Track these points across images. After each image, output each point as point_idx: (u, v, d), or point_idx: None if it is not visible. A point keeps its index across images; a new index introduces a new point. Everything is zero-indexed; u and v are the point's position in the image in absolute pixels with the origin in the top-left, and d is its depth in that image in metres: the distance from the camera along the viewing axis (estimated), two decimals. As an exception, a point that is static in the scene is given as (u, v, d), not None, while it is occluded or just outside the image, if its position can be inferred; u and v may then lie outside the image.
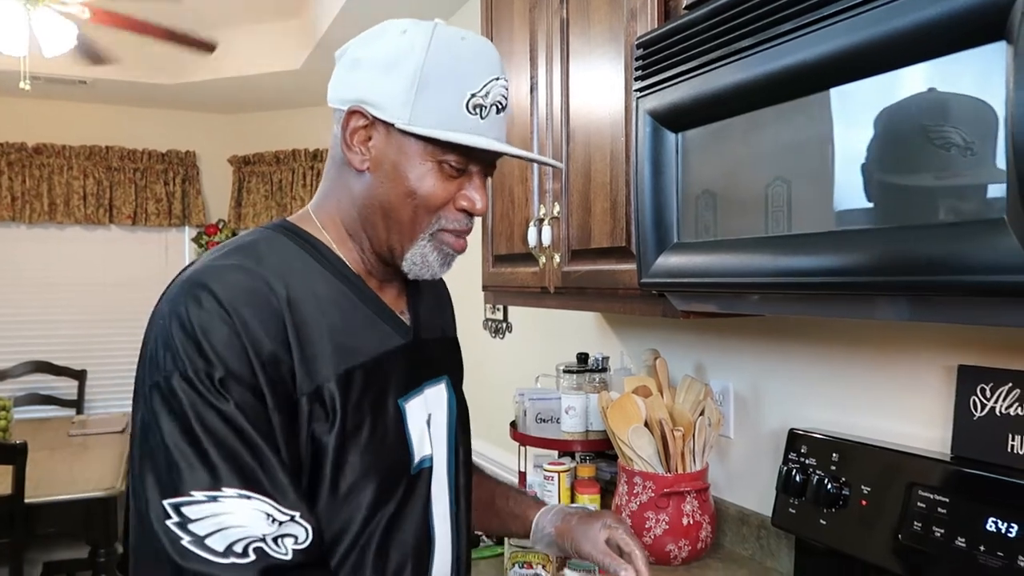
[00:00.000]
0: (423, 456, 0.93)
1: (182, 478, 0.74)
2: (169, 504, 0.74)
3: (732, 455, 1.68)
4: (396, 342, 0.92)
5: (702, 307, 1.27)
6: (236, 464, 0.75)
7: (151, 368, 0.79)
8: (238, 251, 0.86)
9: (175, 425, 0.75)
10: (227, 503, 0.74)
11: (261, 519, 0.75)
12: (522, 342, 2.65)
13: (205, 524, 0.73)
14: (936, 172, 0.80)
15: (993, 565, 1.02)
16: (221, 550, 0.73)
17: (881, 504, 1.20)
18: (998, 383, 1.11)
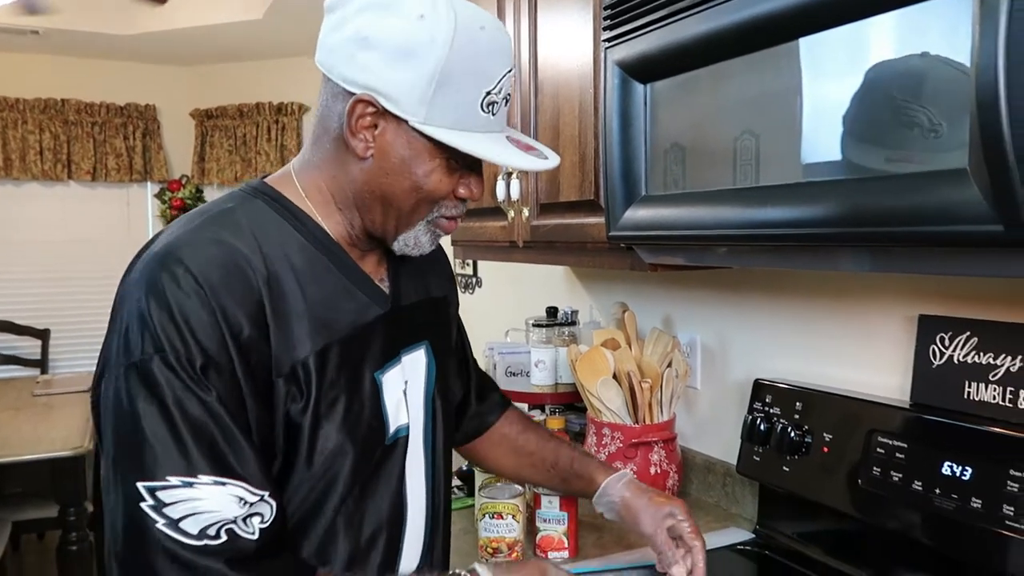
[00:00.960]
0: (399, 426, 0.93)
1: (158, 463, 0.74)
2: (144, 487, 0.74)
3: (699, 406, 1.71)
4: (374, 313, 0.91)
5: (670, 260, 1.28)
6: (212, 451, 0.76)
7: (126, 347, 0.77)
8: (215, 221, 0.84)
9: (153, 409, 0.75)
10: (202, 489, 0.75)
11: (233, 503, 0.76)
12: (492, 296, 2.65)
13: (179, 508, 0.74)
14: (900, 122, 0.80)
15: (947, 507, 1.05)
16: (195, 532, 0.74)
17: (842, 450, 1.23)
18: (956, 332, 1.14)
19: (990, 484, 1.02)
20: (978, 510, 1.02)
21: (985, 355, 1.10)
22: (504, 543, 1.31)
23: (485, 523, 1.33)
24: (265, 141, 4.76)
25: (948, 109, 0.75)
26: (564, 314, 1.94)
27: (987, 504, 1.01)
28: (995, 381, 1.08)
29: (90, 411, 0.84)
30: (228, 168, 4.80)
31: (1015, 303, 1.10)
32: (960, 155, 0.73)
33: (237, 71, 4.79)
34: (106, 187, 4.73)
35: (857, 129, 0.86)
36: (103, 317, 0.91)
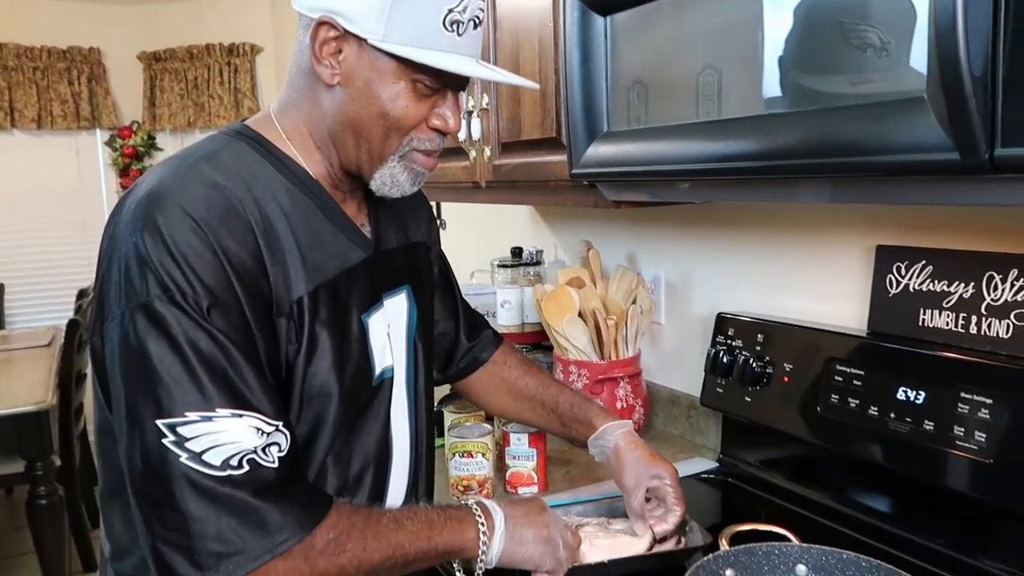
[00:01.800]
0: (384, 367, 0.95)
1: (175, 400, 0.75)
2: (164, 424, 0.74)
3: (663, 341, 1.73)
4: (358, 256, 0.92)
5: (633, 196, 1.28)
6: (227, 385, 0.76)
7: (128, 289, 0.76)
8: (203, 162, 0.83)
9: (164, 348, 0.75)
10: (221, 422, 0.75)
11: (252, 434, 0.77)
12: (456, 238, 2.63)
13: (201, 441, 0.75)
14: (852, 45, 0.80)
15: (902, 430, 1.09)
16: (218, 464, 0.75)
17: (802, 380, 1.26)
18: (913, 261, 1.16)
19: (942, 407, 1.05)
20: (930, 432, 1.06)
21: (939, 283, 1.12)
22: (475, 480, 1.34)
23: (455, 462, 1.34)
24: (218, 84, 4.61)
25: (894, 26, 0.75)
26: (529, 254, 1.93)
27: (939, 426, 1.05)
28: (948, 308, 1.11)
29: (91, 361, 0.84)
30: (180, 113, 4.65)
31: (969, 231, 1.12)
32: (915, 77, 0.73)
33: (186, 11, 4.60)
34: (53, 135, 4.56)
35: (814, 58, 0.86)
36: (60, 270, 0.90)
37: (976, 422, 1.01)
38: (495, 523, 0.92)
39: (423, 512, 0.89)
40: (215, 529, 0.74)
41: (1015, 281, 1.03)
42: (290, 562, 0.77)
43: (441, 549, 0.89)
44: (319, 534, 0.79)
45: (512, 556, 0.93)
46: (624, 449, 1.11)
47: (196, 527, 0.74)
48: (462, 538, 0.90)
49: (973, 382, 1.03)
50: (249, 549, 0.75)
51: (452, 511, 0.91)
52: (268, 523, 0.76)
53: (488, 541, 0.91)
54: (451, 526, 0.89)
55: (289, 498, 0.78)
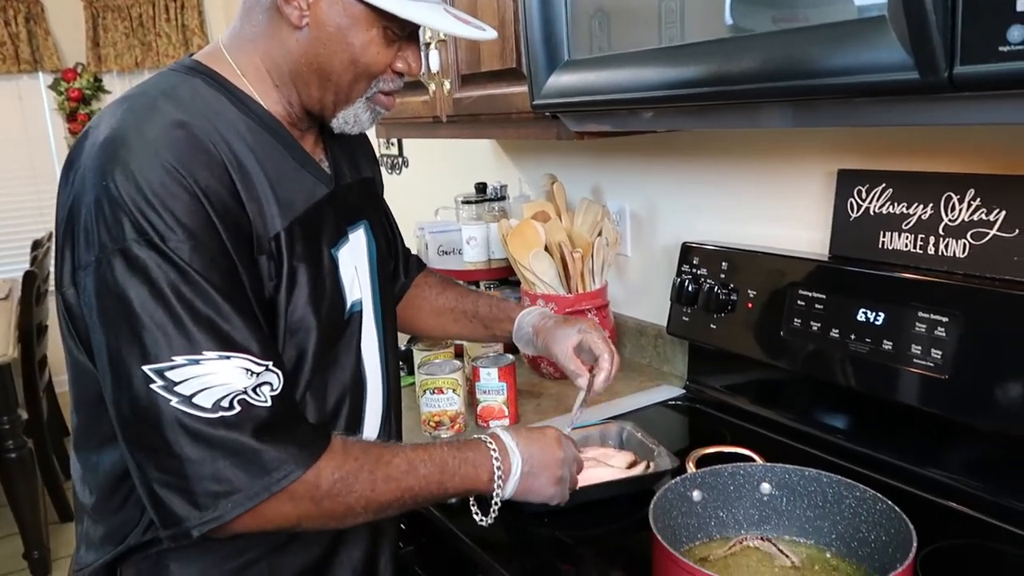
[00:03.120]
0: (354, 300, 0.96)
1: (160, 345, 0.73)
2: (151, 370, 0.73)
3: (629, 272, 1.74)
4: (321, 192, 0.91)
5: (596, 127, 1.26)
6: (212, 327, 0.75)
7: (102, 236, 0.74)
8: (163, 100, 0.80)
9: (145, 293, 0.73)
10: (209, 364, 0.74)
11: (241, 374, 0.76)
12: (419, 176, 2.60)
13: (190, 385, 0.74)
14: (822, -30, 0.78)
15: (862, 351, 1.12)
16: (209, 406, 0.74)
17: (766, 306, 1.28)
18: (873, 184, 1.17)
19: (900, 327, 1.08)
20: (889, 351, 1.08)
21: (899, 205, 1.13)
22: (446, 416, 1.35)
23: (426, 399, 1.35)
24: (164, 22, 4.42)
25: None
26: (493, 189, 1.91)
27: (897, 345, 1.08)
28: (907, 230, 1.12)
29: (63, 312, 0.81)
30: (127, 53, 4.46)
31: (928, 153, 1.13)
32: (879, 0, 0.72)
33: (123, -57, 4.36)
34: (-8, 80, 4.35)
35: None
36: (11, 221, 0.86)
37: (932, 340, 1.04)
38: (512, 466, 0.93)
39: (438, 454, 0.89)
40: (211, 470, 0.74)
41: (972, 201, 1.05)
42: (295, 501, 0.78)
43: (452, 492, 0.90)
44: (324, 474, 0.79)
45: (524, 495, 0.95)
46: (541, 325, 1.15)
47: (192, 469, 0.73)
48: (475, 480, 0.91)
49: (930, 301, 1.05)
50: (246, 487, 0.75)
51: (469, 454, 0.91)
52: (265, 462, 0.75)
53: (503, 484, 0.92)
54: (465, 471, 0.90)
55: (285, 436, 0.78)
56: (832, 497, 0.90)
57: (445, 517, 1.11)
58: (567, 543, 1.03)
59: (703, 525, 0.94)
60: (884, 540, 0.83)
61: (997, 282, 1.01)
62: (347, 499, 0.81)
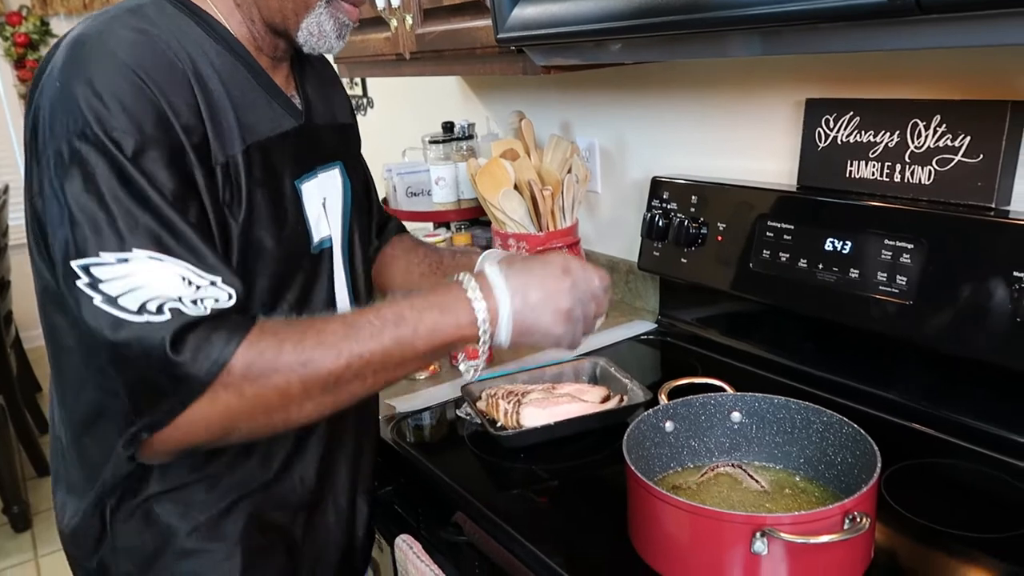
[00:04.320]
0: (322, 237, 0.94)
1: (88, 240, 0.69)
2: (77, 266, 0.69)
3: (600, 208, 1.74)
4: (289, 124, 0.89)
5: (563, 60, 1.24)
6: (147, 229, 0.70)
7: (52, 132, 0.71)
8: (128, 15, 0.77)
9: (80, 186, 0.70)
10: (137, 264, 0.70)
11: (176, 281, 0.70)
12: (385, 116, 2.55)
13: (116, 285, 0.69)
14: None
15: (829, 279, 1.13)
16: (134, 308, 0.69)
17: (735, 238, 1.29)
18: (841, 113, 1.17)
19: (867, 254, 1.09)
20: (856, 279, 1.10)
21: (866, 133, 1.13)
22: (420, 357, 1.35)
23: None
24: (111, -41, 4.22)
25: None
26: (460, 128, 1.88)
27: (864, 273, 1.09)
28: (874, 158, 1.13)
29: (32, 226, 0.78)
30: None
31: (894, 80, 1.13)
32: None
33: None
34: (-68, 25, 4.16)
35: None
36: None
37: (897, 267, 1.05)
38: (498, 303, 0.79)
39: (390, 308, 0.77)
40: (131, 377, 0.70)
41: (938, 127, 1.05)
42: (209, 399, 0.71)
43: (423, 349, 0.77)
44: (238, 355, 0.71)
45: (525, 339, 0.82)
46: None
47: (123, 372, 0.71)
48: (450, 327, 0.77)
49: (896, 229, 1.06)
50: (167, 395, 0.70)
51: (435, 298, 0.79)
52: (181, 366, 0.69)
53: (491, 329, 0.79)
54: (432, 318, 0.77)
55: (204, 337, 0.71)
56: (800, 423, 0.92)
57: (422, 455, 1.12)
58: (543, 477, 1.05)
59: (676, 455, 0.96)
60: (850, 462, 0.86)
61: (961, 207, 1.02)
62: (274, 379, 0.72)
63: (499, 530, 0.93)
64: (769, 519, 0.72)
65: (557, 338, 0.83)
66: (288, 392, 0.73)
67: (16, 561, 2.67)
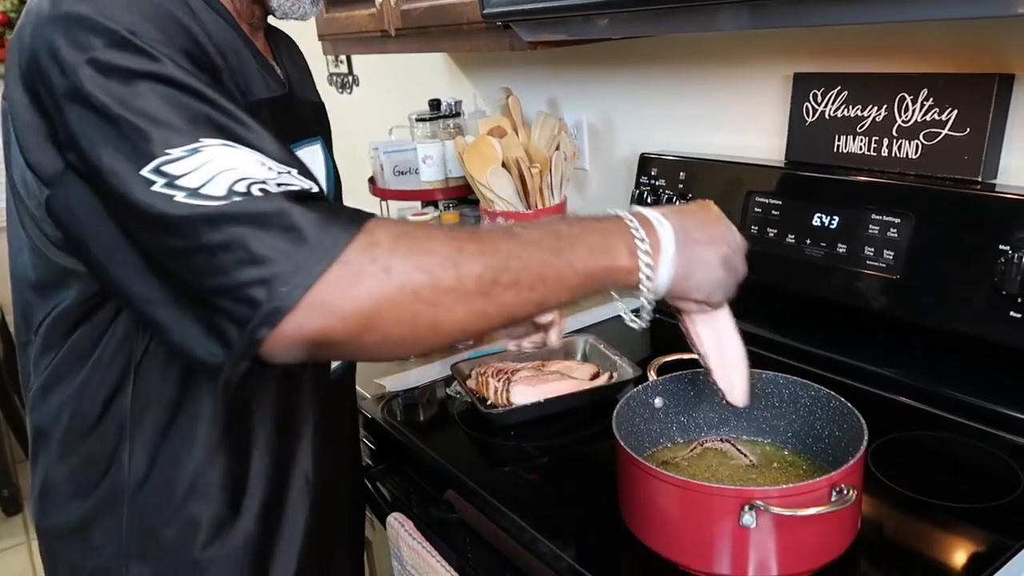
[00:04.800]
0: None
1: (148, 140, 0.61)
2: (147, 172, 0.60)
3: (589, 185, 1.73)
4: (278, 91, 0.87)
5: (550, 36, 1.23)
6: (206, 117, 0.63)
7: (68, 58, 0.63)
8: None
9: (123, 89, 0.62)
10: (212, 151, 0.61)
11: (255, 164, 0.62)
12: (371, 95, 2.52)
13: (195, 176, 0.60)
14: None
15: (817, 255, 1.14)
16: (221, 193, 0.60)
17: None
18: (828, 87, 1.16)
19: (854, 229, 1.09)
20: (843, 254, 1.10)
21: (853, 108, 1.13)
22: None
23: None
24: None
25: None
26: (448, 106, 1.87)
27: (851, 248, 1.09)
28: (862, 132, 1.13)
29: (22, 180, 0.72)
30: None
31: (882, 53, 1.13)
32: None
33: None
34: (-93, 4, 4.07)
35: None
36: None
37: (885, 242, 1.06)
38: (660, 237, 0.71)
39: (545, 223, 0.70)
40: (246, 258, 0.59)
41: (925, 101, 1.05)
42: (348, 269, 0.59)
43: (581, 269, 0.68)
44: (379, 231, 0.61)
45: (685, 283, 0.74)
46: None
47: (226, 259, 0.59)
48: (609, 254, 0.69)
49: (883, 203, 1.06)
50: (295, 264, 0.59)
51: (592, 223, 0.70)
52: (299, 233, 0.59)
53: (653, 262, 0.70)
54: (592, 240, 0.69)
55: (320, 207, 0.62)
56: (788, 397, 0.92)
57: (413, 434, 1.12)
58: (533, 454, 1.05)
59: (665, 430, 0.96)
60: (837, 435, 0.87)
61: (948, 181, 1.02)
62: (426, 260, 0.61)
63: (490, 507, 0.94)
64: (757, 492, 0.73)
65: (717, 282, 0.76)
66: (440, 281, 0.61)
67: (8, 544, 2.67)
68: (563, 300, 0.69)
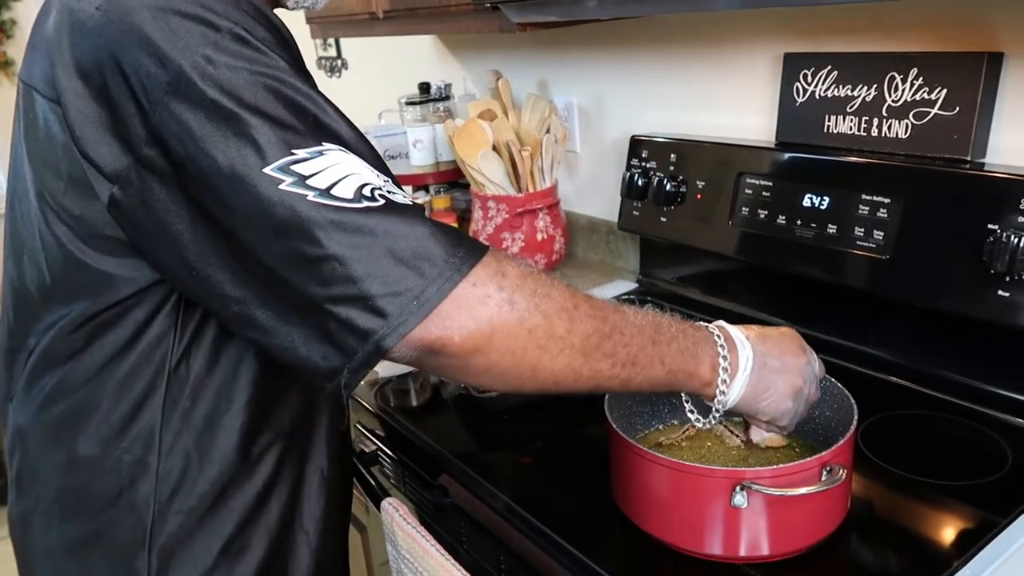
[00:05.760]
0: None
1: (276, 140, 0.61)
2: (274, 169, 0.60)
3: (579, 168, 1.73)
4: None
5: (539, 17, 1.22)
6: (320, 125, 0.64)
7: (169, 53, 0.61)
8: None
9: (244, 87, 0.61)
10: (334, 155, 0.62)
11: (369, 170, 0.64)
12: (360, 78, 2.50)
13: (323, 177, 0.61)
14: None
15: (807, 236, 1.14)
16: (351, 196, 0.61)
17: (715, 195, 1.29)
18: (819, 67, 1.16)
19: (845, 210, 1.09)
20: (833, 235, 1.10)
21: (844, 87, 1.13)
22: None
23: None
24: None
25: None
26: (437, 89, 1.85)
27: (841, 228, 1.10)
28: (852, 112, 1.12)
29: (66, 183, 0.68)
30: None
31: (873, 32, 1.12)
32: None
33: None
34: None
35: None
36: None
37: (875, 222, 1.06)
38: (739, 359, 0.76)
39: (649, 314, 0.73)
40: (377, 267, 0.60)
41: (914, 80, 1.05)
42: (483, 291, 0.62)
43: (669, 366, 0.72)
44: (505, 262, 0.65)
45: (752, 405, 0.78)
46: None
47: (358, 268, 0.60)
48: (693, 361, 0.74)
49: (873, 184, 1.07)
50: (427, 276, 0.61)
51: (687, 328, 0.75)
52: (431, 245, 0.62)
53: (729, 379, 0.75)
54: (684, 344, 0.73)
55: (443, 224, 0.64)
56: (779, 378, 0.93)
57: (406, 419, 1.12)
58: (526, 438, 1.06)
59: (657, 412, 0.96)
60: (828, 415, 0.87)
61: (937, 161, 1.03)
62: (545, 304, 0.65)
63: (484, 491, 0.94)
64: (748, 473, 0.73)
65: (784, 412, 0.80)
66: (554, 327, 0.65)
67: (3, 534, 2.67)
68: (643, 388, 0.73)
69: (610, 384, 0.71)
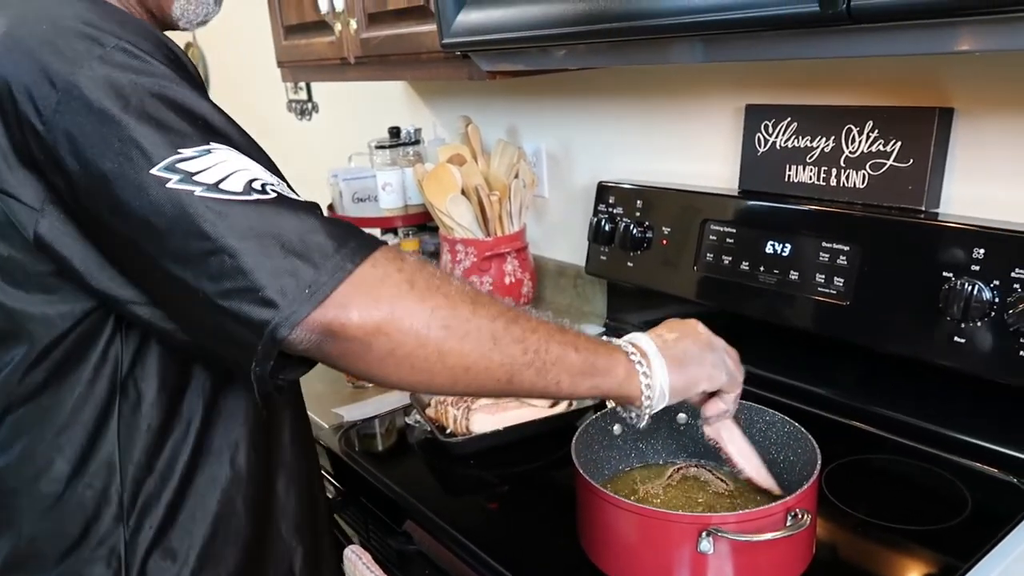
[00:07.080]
0: None
1: (159, 141, 0.61)
2: (160, 169, 0.60)
3: (547, 213, 1.74)
4: None
5: (508, 66, 1.24)
6: (208, 127, 0.64)
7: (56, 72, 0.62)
8: None
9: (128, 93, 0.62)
10: (223, 153, 0.63)
11: (260, 168, 0.64)
12: (331, 121, 2.52)
13: (211, 173, 0.61)
14: (726, -99, 0.78)
15: (770, 281, 1.16)
16: (240, 189, 0.61)
17: (680, 242, 1.31)
18: (779, 118, 1.20)
19: (806, 257, 1.12)
20: (795, 281, 1.13)
21: (803, 139, 1.17)
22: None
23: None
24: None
25: None
26: (407, 133, 1.87)
27: (803, 275, 1.12)
28: (811, 162, 1.16)
29: None
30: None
31: (830, 86, 1.16)
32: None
33: None
34: None
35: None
36: None
37: (834, 269, 1.08)
38: (643, 345, 0.79)
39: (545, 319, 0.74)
40: (267, 257, 0.60)
41: (870, 133, 1.08)
42: (379, 272, 0.62)
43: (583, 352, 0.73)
44: (403, 252, 0.66)
45: (684, 379, 0.79)
46: None
47: (248, 260, 0.60)
48: (608, 356, 0.75)
49: (833, 231, 1.09)
50: (318, 265, 0.61)
51: (597, 339, 0.78)
52: (322, 236, 0.62)
53: (649, 369, 0.77)
54: (588, 340, 0.75)
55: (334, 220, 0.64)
56: (743, 422, 0.93)
57: (371, 464, 1.11)
58: (493, 483, 1.05)
59: (624, 457, 0.97)
60: (792, 460, 0.88)
61: (893, 210, 1.06)
62: (445, 287, 0.65)
63: (449, 538, 0.93)
64: (715, 518, 0.73)
65: (714, 369, 0.82)
66: (457, 308, 0.65)
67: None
68: (562, 383, 0.72)
69: (527, 374, 0.69)
